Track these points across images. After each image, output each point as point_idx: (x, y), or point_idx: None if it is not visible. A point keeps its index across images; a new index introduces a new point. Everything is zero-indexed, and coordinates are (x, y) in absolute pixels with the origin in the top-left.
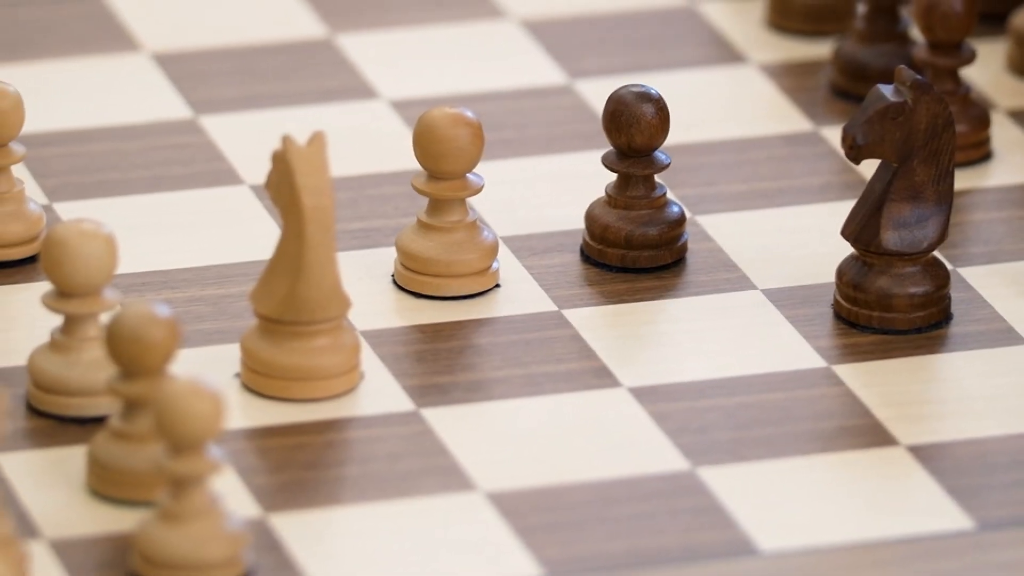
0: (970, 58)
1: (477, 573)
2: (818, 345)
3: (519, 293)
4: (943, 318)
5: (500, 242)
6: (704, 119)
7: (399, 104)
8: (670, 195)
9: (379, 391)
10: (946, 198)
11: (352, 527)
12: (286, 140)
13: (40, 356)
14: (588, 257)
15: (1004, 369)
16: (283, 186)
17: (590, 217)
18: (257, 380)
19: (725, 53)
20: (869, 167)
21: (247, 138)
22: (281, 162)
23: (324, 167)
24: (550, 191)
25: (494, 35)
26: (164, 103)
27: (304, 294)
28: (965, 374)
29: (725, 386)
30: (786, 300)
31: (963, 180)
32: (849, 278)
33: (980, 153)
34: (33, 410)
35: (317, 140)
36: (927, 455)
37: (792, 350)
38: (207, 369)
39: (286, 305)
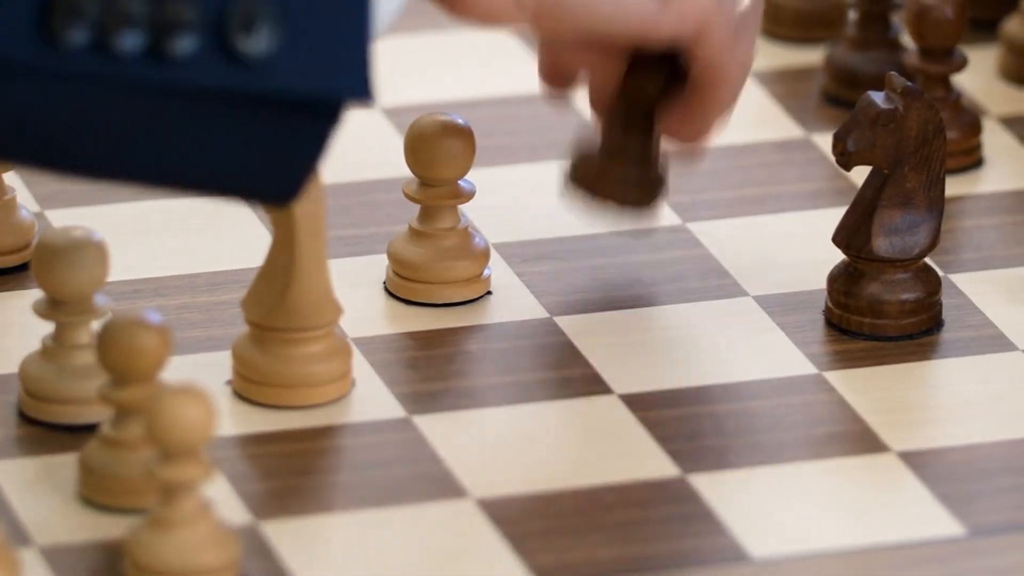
0: (961, 64)
1: None
2: (809, 351)
3: (511, 300)
4: (934, 324)
5: (491, 249)
6: None
7: (391, 111)
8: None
9: (371, 398)
10: (937, 204)
11: (343, 534)
12: None
13: (31, 363)
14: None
15: (995, 375)
16: None
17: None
18: (249, 387)
19: None
20: (860, 173)
21: None
22: None
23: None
24: (541, 198)
25: (485, 43)
26: None
27: (295, 301)
28: (956, 380)
29: (716, 393)
30: (777, 306)
31: (954, 186)
32: (840, 284)
33: (971, 159)
34: (24, 417)
35: None
36: (918, 461)
37: (783, 356)
38: (199, 376)
39: (277, 312)
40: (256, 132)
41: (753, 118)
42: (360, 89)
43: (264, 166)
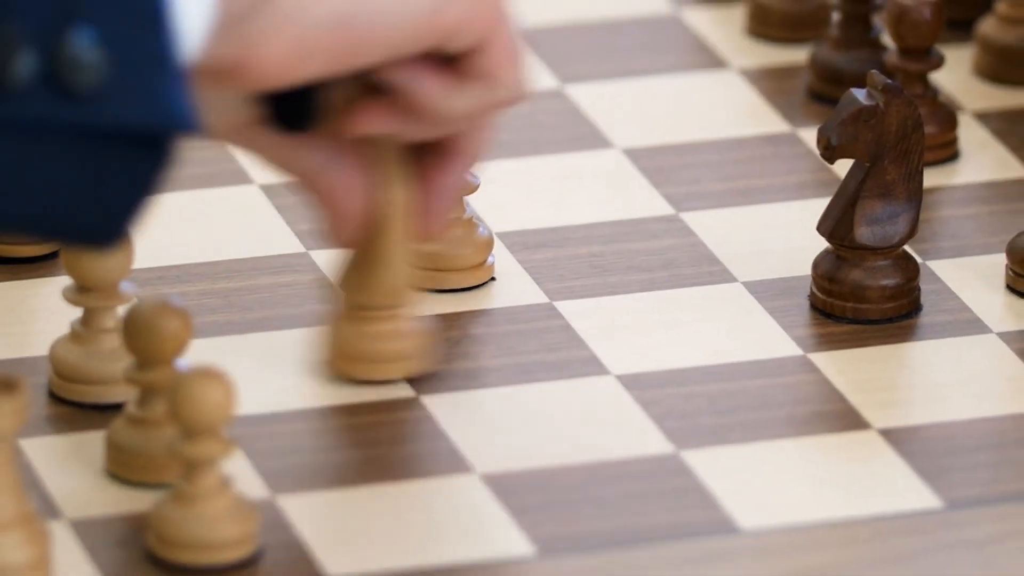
0: (938, 63)
1: (474, 550)
2: (795, 334)
3: (513, 286)
4: (913, 309)
5: (495, 238)
6: (688, 121)
7: None
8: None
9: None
10: (916, 195)
11: (356, 507)
12: None
13: (61, 347)
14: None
15: (970, 357)
16: None
17: None
18: (340, 364)
19: (708, 59)
20: (843, 166)
21: None
22: None
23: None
24: (542, 190)
25: None
26: None
27: (385, 281)
28: (934, 361)
29: (707, 373)
30: (765, 292)
31: (932, 178)
32: (824, 271)
33: (948, 153)
34: (54, 397)
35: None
36: (898, 438)
37: (770, 339)
38: (218, 359)
39: (369, 291)
40: (84, 171)
41: (742, 114)
42: (184, 120)
43: (90, 207)
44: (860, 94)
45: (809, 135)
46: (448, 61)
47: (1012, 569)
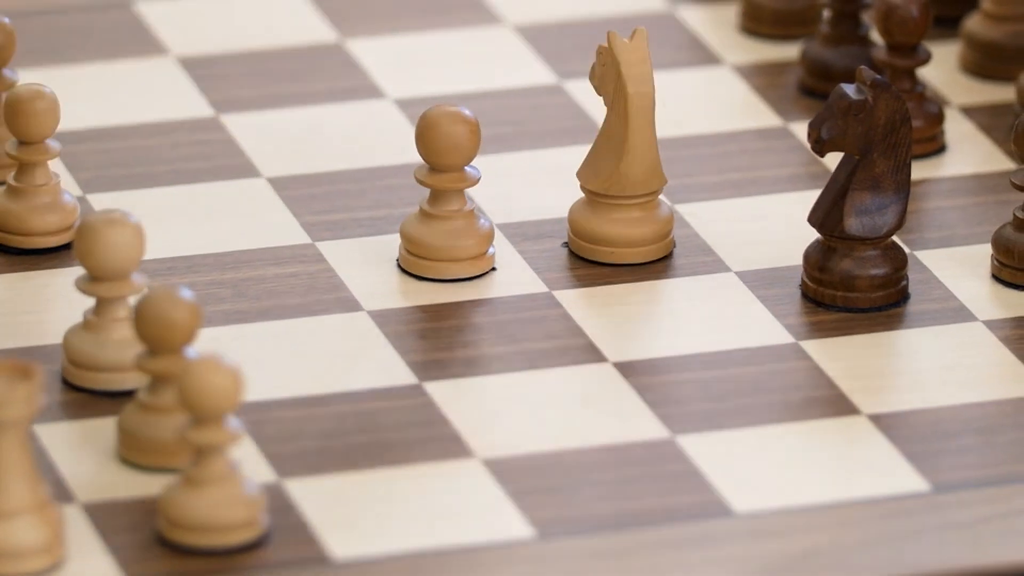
0: (925, 59)
1: (475, 532)
2: (787, 323)
3: (513, 276)
4: (901, 298)
5: (496, 229)
6: (683, 116)
7: (403, 103)
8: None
9: (385, 366)
10: (904, 187)
11: (361, 491)
12: (611, 35)
13: (74, 335)
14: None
15: (957, 344)
16: (608, 77)
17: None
18: (583, 247)
19: (702, 55)
20: (833, 159)
21: (264, 134)
22: (607, 55)
23: (646, 58)
24: (542, 182)
25: (490, 40)
26: (188, 103)
27: (628, 171)
28: (921, 349)
29: (702, 361)
30: (757, 281)
31: (919, 171)
32: (815, 261)
33: (935, 146)
34: (68, 384)
35: (639, 35)
36: (886, 423)
37: (763, 327)
38: (227, 347)
39: (612, 181)
40: None
41: (735, 109)
42: None
43: None
44: (849, 89)
45: (800, 129)
46: None
47: (998, 550)
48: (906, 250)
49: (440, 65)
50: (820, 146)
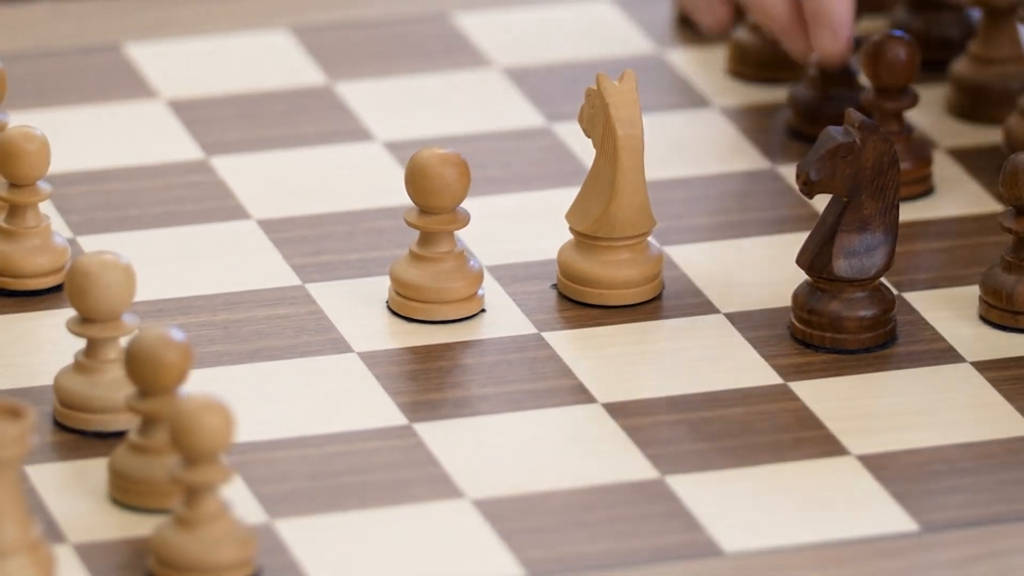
0: (913, 102)
1: (465, 573)
2: (776, 364)
3: (502, 317)
4: (889, 339)
5: (485, 271)
6: (671, 158)
7: (392, 145)
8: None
9: (375, 407)
10: (892, 229)
11: (351, 531)
12: (600, 78)
13: (65, 376)
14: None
15: (945, 385)
16: (597, 119)
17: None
18: (571, 289)
19: (690, 98)
20: (821, 201)
21: (253, 177)
22: (596, 97)
23: (634, 101)
24: (531, 224)
25: (479, 82)
26: (178, 145)
27: (617, 213)
28: (910, 390)
29: (691, 402)
30: (746, 323)
31: (907, 213)
32: (803, 302)
33: (923, 188)
34: (59, 425)
35: (628, 78)
36: (875, 464)
37: (752, 368)
38: (218, 388)
39: (601, 223)
40: None
41: (724, 151)
42: None
43: None
44: (837, 131)
45: (788, 171)
46: None
47: None
48: (894, 291)
49: (429, 107)
50: (809, 188)
